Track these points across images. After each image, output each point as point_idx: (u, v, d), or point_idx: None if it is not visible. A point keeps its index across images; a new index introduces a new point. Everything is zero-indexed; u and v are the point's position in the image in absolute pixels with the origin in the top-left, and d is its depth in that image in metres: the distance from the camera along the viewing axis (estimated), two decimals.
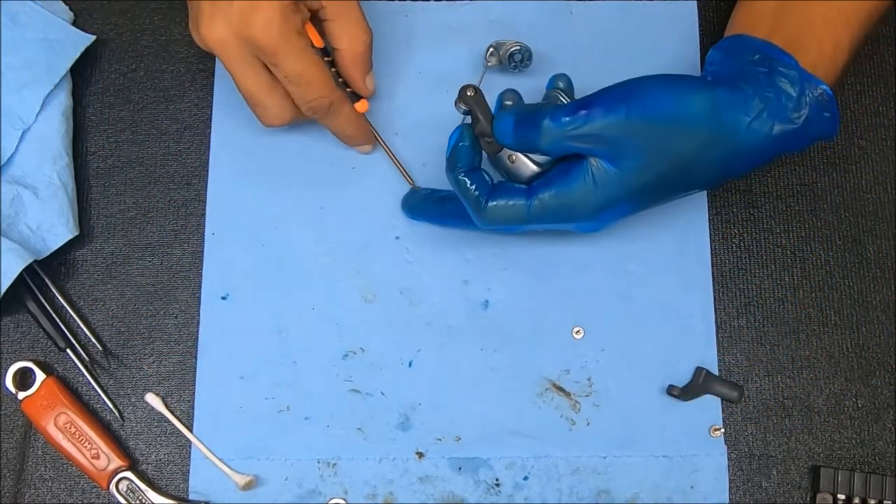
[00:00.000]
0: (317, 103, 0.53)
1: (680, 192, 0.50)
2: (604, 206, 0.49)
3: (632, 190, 0.48)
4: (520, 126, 0.49)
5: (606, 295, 0.57)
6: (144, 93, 0.60)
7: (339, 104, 0.54)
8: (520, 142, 0.49)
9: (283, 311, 0.57)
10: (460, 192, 0.51)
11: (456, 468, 0.55)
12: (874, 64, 0.61)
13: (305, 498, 0.55)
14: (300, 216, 0.58)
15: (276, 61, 0.50)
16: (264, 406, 0.56)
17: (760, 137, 0.48)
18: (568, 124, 0.47)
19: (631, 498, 0.55)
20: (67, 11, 0.60)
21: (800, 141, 0.49)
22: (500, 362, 0.57)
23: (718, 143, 0.47)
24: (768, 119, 0.48)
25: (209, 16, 0.50)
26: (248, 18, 0.49)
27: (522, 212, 0.49)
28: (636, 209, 0.50)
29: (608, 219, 0.50)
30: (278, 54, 0.50)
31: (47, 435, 0.54)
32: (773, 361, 0.57)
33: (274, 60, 0.50)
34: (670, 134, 0.47)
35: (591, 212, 0.49)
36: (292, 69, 0.50)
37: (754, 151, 0.48)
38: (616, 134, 0.47)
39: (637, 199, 0.49)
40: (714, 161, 0.48)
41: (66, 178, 0.57)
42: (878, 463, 0.56)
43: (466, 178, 0.50)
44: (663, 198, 0.50)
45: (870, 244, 0.59)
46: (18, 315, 0.57)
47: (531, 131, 0.48)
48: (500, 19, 0.61)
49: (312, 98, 0.52)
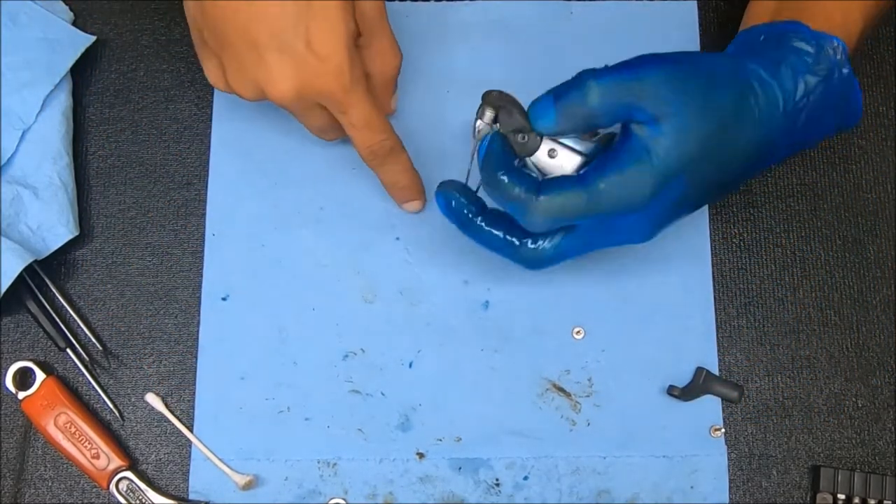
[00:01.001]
0: (378, 147, 0.52)
1: (726, 172, 0.48)
2: (657, 185, 0.46)
3: (680, 159, 0.45)
4: (561, 98, 0.46)
5: (606, 295, 0.57)
6: (144, 93, 0.60)
7: (398, 150, 0.53)
8: (563, 115, 0.46)
9: (284, 312, 0.57)
10: (504, 195, 0.47)
11: (456, 468, 0.55)
12: (874, 64, 0.61)
13: (305, 498, 0.55)
14: (300, 216, 0.58)
15: (344, 110, 0.49)
16: (264, 406, 0.56)
17: (789, 94, 0.47)
18: (615, 76, 0.45)
19: (631, 498, 0.55)
20: (67, 11, 0.60)
21: (828, 104, 0.48)
22: (500, 363, 0.57)
23: (751, 106, 0.47)
24: (793, 75, 0.47)
25: (277, 68, 0.47)
26: (319, 69, 0.47)
27: (580, 201, 0.46)
28: (687, 195, 0.47)
29: (663, 206, 0.47)
30: (347, 104, 0.49)
31: (47, 435, 0.54)
32: (773, 361, 0.57)
33: (343, 109, 0.49)
34: (708, 88, 0.46)
35: (647, 194, 0.46)
36: (359, 117, 0.50)
37: (787, 117, 0.48)
38: (659, 85, 0.45)
39: (686, 178, 0.46)
40: (750, 131, 0.47)
41: (67, 178, 0.57)
42: (878, 463, 0.56)
43: (507, 176, 0.46)
44: (709, 179, 0.48)
45: (870, 244, 0.59)
46: (18, 315, 0.57)
47: (576, 97, 0.45)
48: (501, 19, 0.61)
49: (374, 142, 0.51)
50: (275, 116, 0.59)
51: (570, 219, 0.47)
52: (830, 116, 0.50)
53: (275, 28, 0.46)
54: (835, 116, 0.50)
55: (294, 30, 0.46)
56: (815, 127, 0.49)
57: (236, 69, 0.49)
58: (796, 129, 0.49)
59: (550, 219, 0.47)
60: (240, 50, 0.48)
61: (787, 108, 0.48)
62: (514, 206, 0.47)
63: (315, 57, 0.47)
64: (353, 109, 0.49)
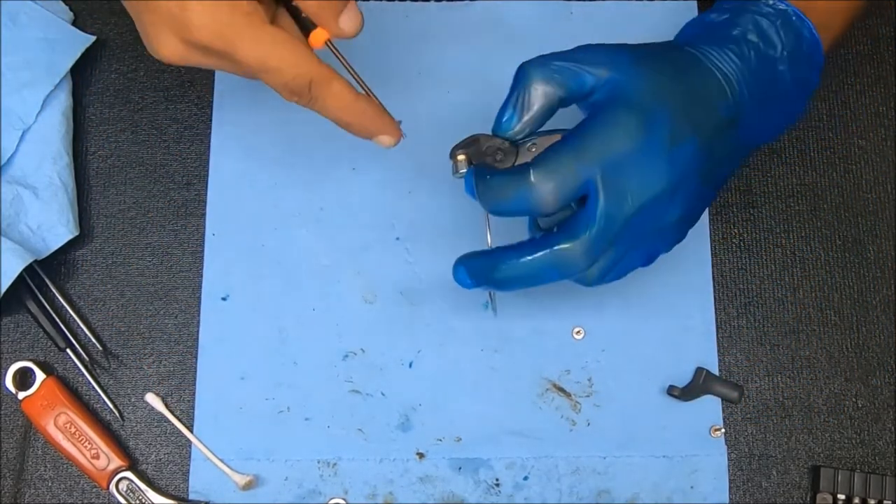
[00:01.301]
0: (294, 84, 0.44)
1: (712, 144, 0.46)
2: (643, 125, 0.44)
3: (655, 96, 0.45)
4: (512, 97, 0.46)
5: (606, 295, 0.57)
6: (144, 93, 0.60)
7: (323, 82, 0.44)
8: (520, 112, 0.46)
9: (284, 312, 0.57)
10: (505, 199, 0.45)
11: (456, 468, 0.55)
12: (874, 64, 0.61)
13: (305, 498, 0.55)
14: (300, 216, 0.58)
15: (230, 58, 0.43)
16: (264, 406, 0.56)
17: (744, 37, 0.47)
18: (550, 56, 0.46)
19: (631, 498, 0.55)
20: (67, 11, 0.60)
21: (784, 47, 0.48)
22: (500, 363, 0.57)
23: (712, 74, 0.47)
24: (742, 22, 0.48)
25: (154, 32, 0.43)
26: (184, 21, 0.42)
27: (570, 155, 0.44)
28: (692, 153, 0.45)
29: (680, 170, 0.45)
30: (229, 51, 0.43)
31: (47, 435, 0.54)
32: (773, 361, 0.57)
33: (228, 58, 0.43)
34: (661, 51, 0.47)
35: (631, 129, 0.44)
36: (249, 59, 0.43)
37: (748, 62, 0.47)
38: (600, 52, 0.46)
39: (669, 119, 0.45)
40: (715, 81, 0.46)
41: (67, 178, 0.57)
42: (878, 463, 0.56)
43: (495, 183, 0.45)
44: (699, 141, 0.46)
45: (870, 244, 0.59)
46: (18, 315, 0.57)
47: (522, 90, 0.46)
48: (501, 19, 0.61)
49: (286, 80, 0.44)
50: (275, 116, 0.59)
51: (568, 178, 0.44)
52: (798, 71, 0.49)
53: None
54: (799, 72, 0.49)
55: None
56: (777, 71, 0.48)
57: (142, 39, 0.45)
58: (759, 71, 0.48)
59: (550, 186, 0.44)
60: (134, 19, 0.45)
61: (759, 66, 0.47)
62: (519, 200, 0.45)
63: (177, 6, 0.42)
64: (239, 53, 0.43)
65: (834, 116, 0.60)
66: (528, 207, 0.45)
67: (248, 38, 0.42)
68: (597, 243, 0.45)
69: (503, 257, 0.46)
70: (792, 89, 0.49)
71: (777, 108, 0.49)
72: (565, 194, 0.44)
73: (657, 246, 0.48)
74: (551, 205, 0.45)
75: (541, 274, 0.46)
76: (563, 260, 0.45)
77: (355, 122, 0.47)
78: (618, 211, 0.44)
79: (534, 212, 0.45)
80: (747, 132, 0.48)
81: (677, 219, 0.47)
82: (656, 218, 0.46)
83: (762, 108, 0.48)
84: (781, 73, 0.48)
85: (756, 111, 0.48)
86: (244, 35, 0.42)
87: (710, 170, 0.47)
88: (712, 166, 0.47)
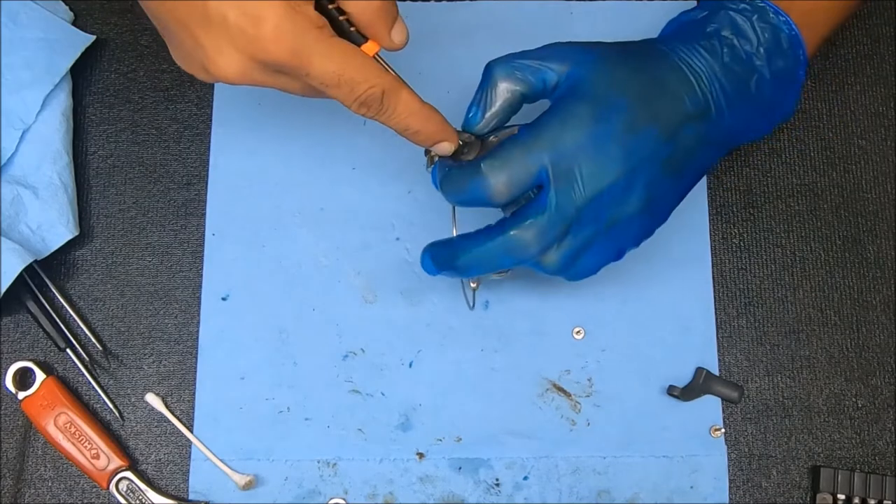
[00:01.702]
0: (366, 97, 0.44)
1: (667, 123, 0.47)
2: (597, 114, 0.45)
3: (611, 86, 0.46)
4: (478, 95, 0.48)
5: (607, 295, 0.57)
6: (144, 93, 0.60)
7: (395, 91, 0.44)
8: (484, 108, 0.48)
9: (284, 312, 0.57)
10: (462, 190, 0.46)
11: (456, 468, 0.55)
12: (874, 64, 0.61)
13: (305, 498, 0.55)
14: (300, 216, 0.58)
15: (305, 72, 0.42)
16: (264, 406, 0.56)
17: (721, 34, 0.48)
18: (512, 55, 0.48)
19: (631, 498, 0.55)
20: (67, 11, 0.60)
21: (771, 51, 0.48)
22: (500, 363, 0.57)
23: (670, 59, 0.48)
24: (717, 18, 0.49)
25: (214, 48, 0.41)
26: (256, 35, 0.40)
27: (520, 145, 0.46)
28: (652, 144, 0.46)
29: (639, 159, 0.46)
30: (304, 66, 0.42)
31: (47, 435, 0.54)
32: (773, 361, 0.57)
33: (302, 72, 0.42)
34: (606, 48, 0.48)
35: (586, 119, 0.45)
36: (324, 74, 0.42)
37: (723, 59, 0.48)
38: (561, 48, 0.48)
39: (629, 110, 0.46)
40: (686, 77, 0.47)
41: (66, 178, 0.57)
42: (878, 463, 0.56)
43: (451, 175, 0.47)
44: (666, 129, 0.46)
45: (870, 244, 0.59)
46: (18, 315, 0.57)
47: (487, 88, 0.48)
48: (501, 19, 0.61)
49: (359, 94, 0.43)
50: (275, 116, 0.59)
51: (519, 168, 0.45)
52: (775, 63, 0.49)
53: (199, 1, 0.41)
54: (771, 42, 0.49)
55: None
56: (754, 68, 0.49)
57: (180, 54, 0.44)
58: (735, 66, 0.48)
59: (502, 176, 0.45)
60: (175, 32, 0.43)
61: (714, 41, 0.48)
62: (473, 190, 0.46)
63: (248, 21, 0.40)
64: (313, 69, 0.42)
65: (834, 116, 0.60)
66: (483, 197, 0.46)
67: (321, 54, 0.42)
68: (548, 230, 0.46)
69: (462, 244, 0.48)
70: (772, 84, 0.49)
71: (757, 103, 0.49)
72: (517, 184, 0.46)
73: (622, 239, 0.48)
74: (504, 194, 0.46)
75: (496, 259, 0.47)
76: (515, 245, 0.46)
77: (423, 129, 0.47)
78: (568, 198, 0.45)
79: (490, 201, 0.46)
80: (722, 126, 0.49)
81: (639, 210, 0.47)
82: (614, 207, 0.46)
83: (740, 101, 0.49)
84: (758, 67, 0.49)
85: (733, 105, 0.48)
86: (317, 50, 0.41)
87: (674, 160, 0.47)
88: (678, 157, 0.47)
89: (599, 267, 0.49)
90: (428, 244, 0.50)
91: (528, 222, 0.45)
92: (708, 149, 0.49)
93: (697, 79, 0.47)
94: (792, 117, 0.57)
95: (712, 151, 0.50)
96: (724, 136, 0.49)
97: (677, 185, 0.49)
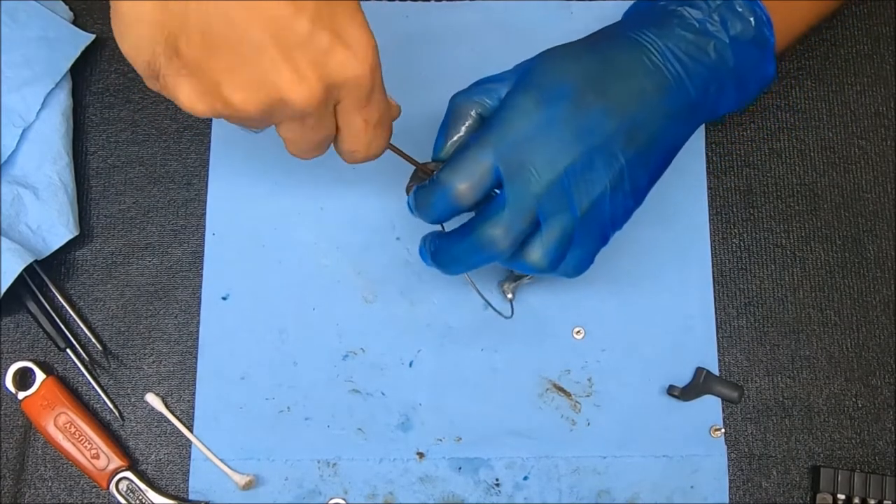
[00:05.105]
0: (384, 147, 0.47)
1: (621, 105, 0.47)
2: (542, 101, 0.46)
3: (559, 82, 0.46)
4: (443, 127, 0.49)
5: (607, 295, 0.57)
6: (144, 93, 0.60)
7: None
8: (445, 137, 0.49)
9: (284, 312, 0.57)
10: (429, 206, 0.47)
11: (456, 468, 0.55)
12: (874, 64, 0.61)
13: (305, 498, 0.55)
14: (300, 216, 0.58)
15: (368, 101, 0.43)
16: (264, 406, 0.56)
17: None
18: (471, 87, 0.49)
19: (631, 498, 0.55)
20: (67, 10, 0.60)
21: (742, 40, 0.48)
22: (500, 362, 0.57)
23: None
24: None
25: (300, 65, 0.40)
26: (347, 57, 0.41)
27: (472, 150, 0.46)
28: (609, 134, 0.46)
29: (590, 147, 0.46)
30: (372, 94, 0.43)
31: (47, 435, 0.54)
32: (773, 361, 0.57)
33: (367, 101, 0.43)
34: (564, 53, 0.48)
35: (530, 108, 0.46)
36: (379, 110, 0.44)
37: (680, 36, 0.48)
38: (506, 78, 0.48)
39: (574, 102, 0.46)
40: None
41: (67, 178, 0.57)
42: (878, 463, 0.56)
43: (418, 193, 0.47)
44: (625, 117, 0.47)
45: (870, 244, 0.59)
46: (18, 315, 0.57)
47: (449, 118, 0.49)
48: (501, 19, 0.61)
49: (385, 143, 0.47)
50: None
51: (472, 171, 0.46)
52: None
53: (285, 22, 0.39)
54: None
55: (317, 20, 0.40)
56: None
57: (240, 78, 0.40)
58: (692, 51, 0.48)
59: (459, 182, 0.46)
60: (243, 53, 0.39)
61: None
62: (439, 202, 0.46)
63: (342, 45, 0.40)
64: (374, 98, 0.43)
65: (834, 116, 0.60)
66: (450, 206, 0.46)
67: (382, 89, 0.44)
68: (513, 223, 0.45)
69: (441, 243, 0.48)
70: (735, 48, 0.48)
71: (721, 70, 0.49)
72: (477, 185, 0.46)
73: (600, 222, 0.47)
74: (469, 198, 0.46)
75: (471, 257, 0.47)
76: (484, 242, 0.46)
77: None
78: (524, 189, 0.45)
79: (458, 209, 0.47)
80: (685, 97, 0.48)
81: (609, 188, 0.46)
82: (581, 190, 0.46)
83: (701, 69, 0.48)
84: (713, 32, 0.48)
85: (692, 74, 0.48)
86: (381, 83, 0.44)
87: (635, 135, 0.47)
88: (638, 132, 0.47)
89: (591, 256, 0.48)
90: (425, 234, 0.50)
91: (492, 218, 0.46)
92: (673, 122, 0.48)
93: (648, 52, 0.47)
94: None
95: (679, 124, 0.49)
96: (689, 108, 0.49)
97: (645, 160, 0.48)
